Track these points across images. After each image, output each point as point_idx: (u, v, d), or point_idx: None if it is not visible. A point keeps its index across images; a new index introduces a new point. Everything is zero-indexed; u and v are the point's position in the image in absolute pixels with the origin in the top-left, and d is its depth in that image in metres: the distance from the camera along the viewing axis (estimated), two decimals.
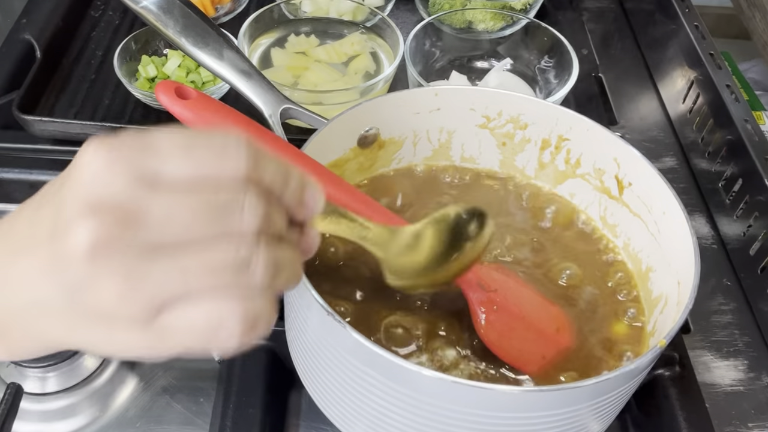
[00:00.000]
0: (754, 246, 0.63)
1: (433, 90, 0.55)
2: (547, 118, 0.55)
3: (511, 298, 0.46)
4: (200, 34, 0.58)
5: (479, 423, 0.39)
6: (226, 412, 0.49)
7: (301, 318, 0.43)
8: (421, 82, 0.68)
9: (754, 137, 0.65)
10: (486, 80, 0.77)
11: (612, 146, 0.52)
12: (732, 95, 0.70)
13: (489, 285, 0.45)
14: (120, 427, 0.52)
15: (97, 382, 0.53)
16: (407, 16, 0.89)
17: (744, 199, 0.65)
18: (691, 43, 0.77)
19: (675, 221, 0.47)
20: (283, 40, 0.78)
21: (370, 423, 0.43)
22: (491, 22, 0.80)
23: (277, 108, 0.56)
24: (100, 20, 0.85)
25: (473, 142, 0.57)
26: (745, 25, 1.05)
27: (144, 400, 0.53)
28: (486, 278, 0.46)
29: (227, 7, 0.84)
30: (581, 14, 0.91)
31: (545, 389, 0.38)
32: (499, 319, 0.45)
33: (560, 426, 0.40)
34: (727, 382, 0.57)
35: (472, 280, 0.45)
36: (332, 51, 0.77)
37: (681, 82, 0.78)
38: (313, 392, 0.47)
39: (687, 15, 0.80)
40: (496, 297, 0.45)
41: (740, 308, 0.63)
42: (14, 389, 0.49)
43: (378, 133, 0.55)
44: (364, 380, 0.40)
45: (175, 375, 0.55)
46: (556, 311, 0.48)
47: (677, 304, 0.44)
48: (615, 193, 0.53)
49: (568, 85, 0.69)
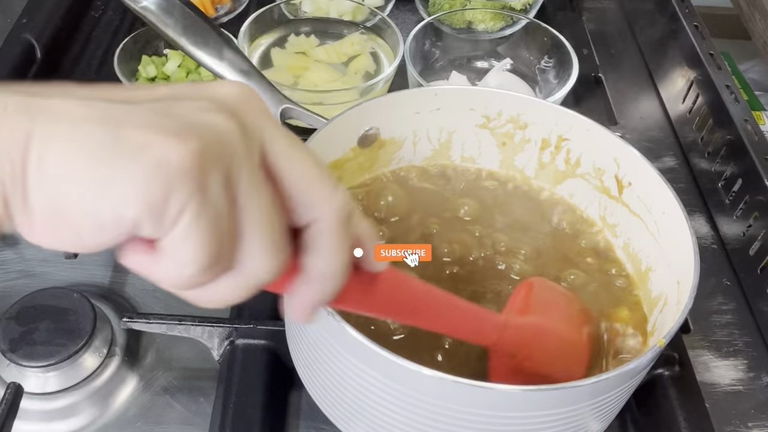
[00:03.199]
0: (753, 246, 0.63)
1: (433, 90, 0.55)
2: (547, 118, 0.55)
3: (536, 358, 0.44)
4: (200, 34, 0.58)
5: (479, 423, 0.39)
6: (226, 412, 0.49)
7: None
8: (421, 82, 0.68)
9: (754, 137, 0.65)
10: (486, 80, 0.77)
11: (612, 146, 0.52)
12: (732, 95, 0.70)
13: (516, 351, 0.43)
14: (120, 427, 0.52)
15: (97, 382, 0.53)
16: (407, 16, 0.89)
17: (744, 199, 0.65)
18: (691, 43, 0.77)
19: (675, 221, 0.47)
20: (283, 40, 0.78)
21: (370, 423, 0.43)
22: (491, 22, 0.81)
23: (277, 108, 0.56)
24: (100, 20, 0.85)
25: (473, 142, 0.57)
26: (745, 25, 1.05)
27: (144, 400, 0.53)
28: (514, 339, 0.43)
29: (227, 7, 0.84)
30: (581, 14, 0.91)
31: (545, 389, 0.38)
32: (519, 379, 0.40)
33: (560, 425, 0.40)
34: (727, 381, 0.57)
35: (500, 348, 0.43)
36: (332, 51, 0.77)
37: (681, 82, 0.78)
38: (313, 392, 0.47)
39: (687, 15, 0.80)
40: (520, 362, 0.43)
41: (740, 308, 0.62)
42: (14, 389, 0.49)
43: (378, 133, 0.55)
44: (364, 380, 0.40)
45: (175, 375, 0.55)
46: (579, 350, 0.45)
47: (677, 303, 0.44)
48: (615, 193, 0.53)
49: (568, 85, 0.69)
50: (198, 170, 0.24)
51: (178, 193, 0.24)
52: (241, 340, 0.53)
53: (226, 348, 0.53)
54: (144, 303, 0.59)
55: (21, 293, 0.54)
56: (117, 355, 0.55)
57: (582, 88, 0.78)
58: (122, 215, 0.24)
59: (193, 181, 0.24)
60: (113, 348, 0.55)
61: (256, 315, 0.54)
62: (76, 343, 0.52)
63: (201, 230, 0.25)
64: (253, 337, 0.53)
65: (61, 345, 0.51)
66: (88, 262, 0.62)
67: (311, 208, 0.29)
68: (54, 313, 0.53)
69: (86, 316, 0.53)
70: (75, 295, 0.54)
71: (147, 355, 0.56)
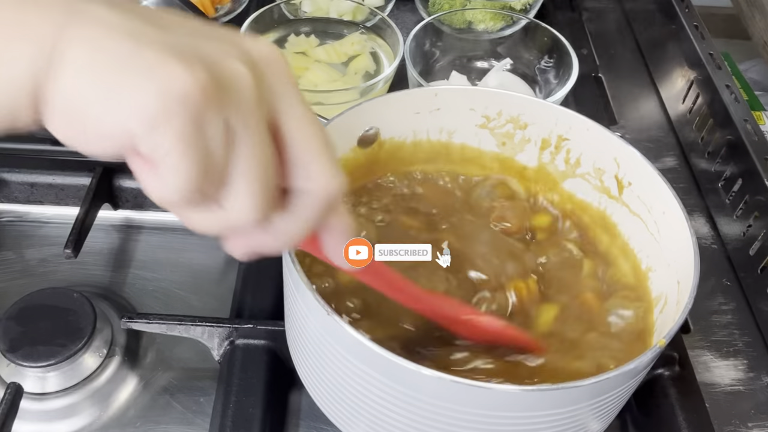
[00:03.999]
0: (754, 246, 0.63)
1: (433, 90, 0.55)
2: (546, 118, 0.55)
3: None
4: None
5: (479, 422, 0.39)
6: (226, 412, 0.49)
7: (301, 318, 0.43)
8: (421, 82, 0.68)
9: (753, 137, 0.65)
10: (486, 80, 0.77)
11: (612, 146, 0.52)
12: (732, 95, 0.70)
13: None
14: (120, 427, 0.52)
15: (97, 382, 0.53)
16: (407, 16, 0.89)
17: (744, 199, 0.65)
18: (691, 43, 0.77)
19: (675, 221, 0.47)
20: (283, 40, 0.78)
21: (370, 423, 0.43)
22: (491, 22, 0.81)
23: None
24: None
25: (473, 142, 0.57)
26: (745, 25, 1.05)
27: (144, 400, 0.53)
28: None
29: (227, 7, 0.84)
30: (581, 14, 0.91)
31: (545, 388, 0.38)
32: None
33: (560, 425, 0.40)
34: (727, 381, 0.57)
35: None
36: (332, 51, 0.77)
37: (681, 82, 0.78)
38: (313, 392, 0.47)
39: (687, 15, 0.80)
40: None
41: (740, 308, 0.63)
42: (14, 389, 0.49)
43: (378, 133, 0.55)
44: (364, 380, 0.40)
45: (175, 375, 0.55)
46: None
47: (677, 303, 0.44)
48: (615, 193, 0.53)
49: (568, 85, 0.69)
50: (198, 103, 0.25)
51: (175, 118, 0.25)
52: (241, 340, 0.53)
53: (226, 348, 0.53)
54: (144, 303, 0.59)
55: (21, 293, 0.54)
56: (117, 355, 0.55)
57: (582, 88, 0.78)
58: (122, 126, 0.25)
59: (191, 110, 0.25)
60: (113, 348, 0.55)
61: (256, 315, 0.55)
62: (76, 343, 0.52)
63: (187, 160, 0.26)
64: (253, 337, 0.53)
65: (61, 345, 0.51)
66: (88, 262, 0.62)
67: (307, 179, 0.30)
68: (54, 313, 0.53)
69: (86, 316, 0.53)
70: (75, 295, 0.54)
71: (147, 355, 0.56)
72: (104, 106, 0.25)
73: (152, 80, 0.25)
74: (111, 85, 0.25)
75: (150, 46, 0.26)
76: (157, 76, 0.25)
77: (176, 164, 0.26)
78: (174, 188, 0.27)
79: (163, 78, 0.25)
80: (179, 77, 0.25)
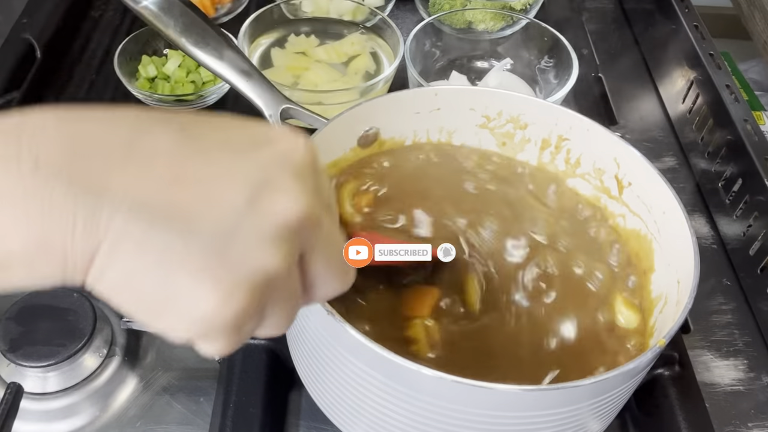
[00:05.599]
0: (753, 246, 0.63)
1: (433, 90, 0.55)
2: (547, 118, 0.55)
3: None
4: (200, 34, 0.58)
5: (479, 422, 0.39)
6: (226, 412, 0.49)
7: (301, 318, 0.43)
8: (421, 82, 0.68)
9: (753, 137, 0.65)
10: (486, 80, 0.77)
11: (612, 146, 0.52)
12: (732, 95, 0.70)
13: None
14: (120, 427, 0.52)
15: (97, 382, 0.53)
16: (407, 16, 0.89)
17: (744, 199, 0.65)
18: (691, 43, 0.77)
19: (675, 221, 0.47)
20: (283, 40, 0.78)
21: (370, 423, 0.43)
22: (491, 22, 0.81)
23: (277, 108, 0.56)
24: (100, 20, 0.85)
25: (473, 141, 0.57)
26: (745, 25, 1.05)
27: (144, 400, 0.53)
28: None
29: (227, 7, 0.84)
30: (581, 14, 0.91)
31: (545, 388, 0.38)
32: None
33: (560, 425, 0.40)
34: (727, 381, 0.57)
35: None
36: (332, 51, 0.77)
37: (681, 82, 0.78)
38: (313, 392, 0.47)
39: (687, 15, 0.80)
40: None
41: (740, 308, 0.63)
42: (14, 389, 0.49)
43: (378, 133, 0.55)
44: (364, 380, 0.40)
45: (175, 375, 0.55)
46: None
47: (677, 303, 0.44)
48: (615, 193, 0.53)
49: (568, 85, 0.69)
50: (237, 324, 0.28)
51: (215, 334, 0.28)
52: None
53: None
54: None
55: (21, 293, 0.54)
56: (117, 355, 0.55)
57: (582, 88, 0.78)
58: (172, 333, 0.28)
59: (230, 331, 0.28)
60: (113, 348, 0.55)
61: None
62: (76, 343, 0.52)
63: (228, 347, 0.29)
64: (253, 337, 0.52)
65: (61, 345, 0.51)
66: None
67: (323, 289, 0.33)
68: (54, 313, 0.53)
69: (86, 316, 0.53)
70: (75, 295, 0.54)
71: (147, 355, 0.56)
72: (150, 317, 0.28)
73: (189, 315, 0.27)
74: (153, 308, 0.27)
75: (181, 272, 0.26)
76: (194, 311, 0.27)
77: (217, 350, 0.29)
78: (212, 352, 0.29)
79: (199, 313, 0.27)
80: (216, 312, 0.27)
